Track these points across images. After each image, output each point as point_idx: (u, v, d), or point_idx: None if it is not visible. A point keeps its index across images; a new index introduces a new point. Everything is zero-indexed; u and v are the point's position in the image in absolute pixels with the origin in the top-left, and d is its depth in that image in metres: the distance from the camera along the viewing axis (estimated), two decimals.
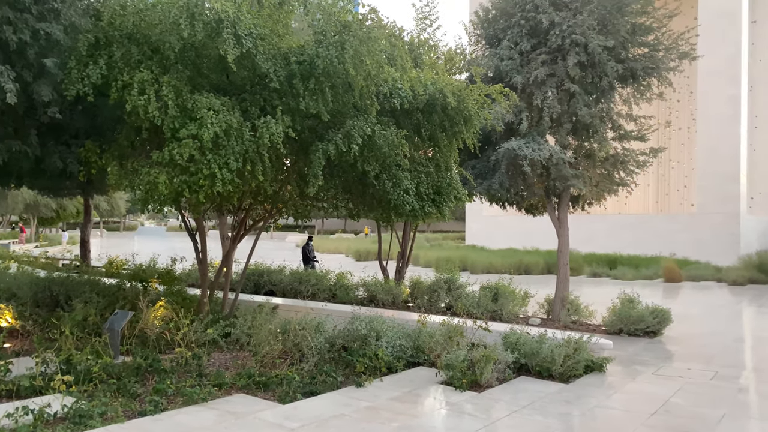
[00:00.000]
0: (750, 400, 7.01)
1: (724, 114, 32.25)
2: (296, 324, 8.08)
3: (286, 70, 7.33)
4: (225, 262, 10.81)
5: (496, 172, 11.43)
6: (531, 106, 11.26)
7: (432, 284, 12.86)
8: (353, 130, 7.53)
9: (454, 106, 8.53)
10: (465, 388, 6.94)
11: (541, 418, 6.06)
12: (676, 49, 11.02)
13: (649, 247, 30.97)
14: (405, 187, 8.66)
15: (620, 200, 40.68)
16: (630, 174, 12.07)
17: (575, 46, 10.56)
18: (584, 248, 29.90)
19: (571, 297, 11.87)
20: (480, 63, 11.42)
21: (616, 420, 6.11)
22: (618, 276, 23.34)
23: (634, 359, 8.96)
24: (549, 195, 12.17)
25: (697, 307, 15.79)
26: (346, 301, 12.59)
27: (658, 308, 11.01)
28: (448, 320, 8.52)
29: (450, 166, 9.82)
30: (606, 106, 11.43)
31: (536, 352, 7.71)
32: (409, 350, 8.14)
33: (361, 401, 6.44)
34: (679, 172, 41.63)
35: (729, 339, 11.02)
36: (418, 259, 28.31)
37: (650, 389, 7.29)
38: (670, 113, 39.38)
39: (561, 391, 7.09)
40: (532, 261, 25.72)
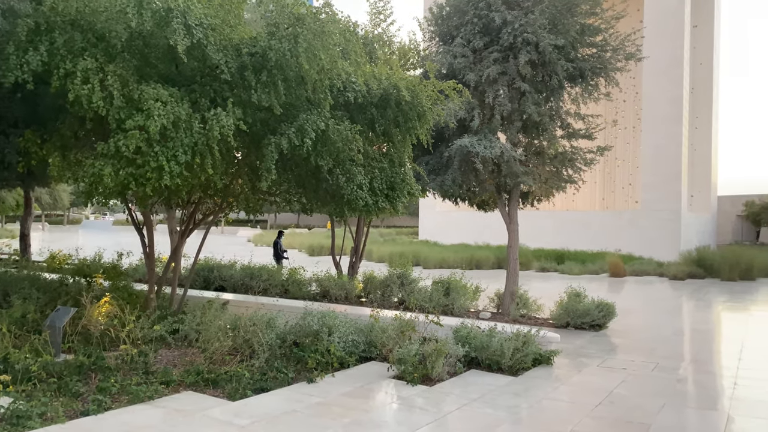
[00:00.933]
0: (688, 389, 7.30)
1: (667, 114, 33.44)
2: (247, 320, 7.97)
3: (238, 62, 7.19)
4: (173, 257, 10.57)
5: (448, 168, 11.53)
6: (483, 104, 11.41)
7: (385, 279, 12.88)
8: (306, 123, 7.45)
9: (408, 102, 8.55)
10: (416, 382, 6.99)
11: (490, 410, 6.17)
12: (623, 50, 11.33)
13: (596, 243, 31.90)
14: (359, 182, 8.64)
15: (568, 197, 41.76)
16: (578, 171, 12.37)
17: (526, 45, 10.74)
18: (533, 244, 30.57)
19: (520, 291, 12.11)
20: (434, 59, 11.48)
21: (562, 411, 6.26)
22: (565, 271, 23.93)
23: (580, 352, 9.21)
24: (500, 191, 12.37)
25: (639, 300, 16.35)
26: (299, 296, 12.49)
27: (604, 302, 11.35)
28: (401, 315, 8.56)
29: (404, 161, 9.84)
30: (555, 105, 11.67)
31: (486, 345, 7.84)
32: (361, 345, 8.15)
33: (313, 397, 6.41)
34: (624, 170, 42.99)
35: (669, 332, 11.46)
36: (371, 254, 28.36)
37: (595, 381, 7.51)
38: (617, 113, 40.61)
39: (510, 383, 7.23)
40: (483, 256, 26.11)
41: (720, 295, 17.29)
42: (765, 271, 22.26)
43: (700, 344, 10.56)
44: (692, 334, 11.57)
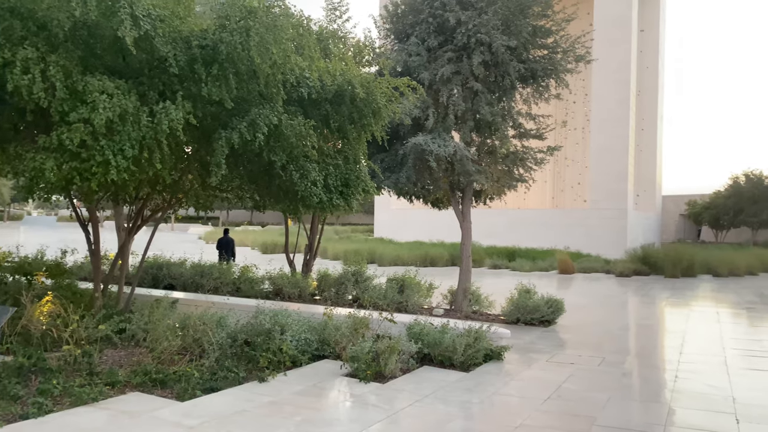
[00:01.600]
0: (632, 383, 7.53)
1: (614, 116, 34.45)
2: (197, 319, 7.81)
3: (188, 55, 7.01)
4: (120, 255, 10.26)
5: (403, 166, 11.57)
6: (437, 103, 11.49)
7: (339, 277, 12.84)
8: (259, 118, 7.34)
9: (362, 98, 8.53)
10: (369, 380, 6.99)
11: (442, 406, 6.21)
12: (573, 52, 11.61)
13: (546, 241, 32.64)
14: (313, 179, 8.57)
15: (520, 196, 42.53)
16: (528, 170, 12.62)
17: (480, 45, 10.87)
18: (486, 241, 31.05)
19: (473, 288, 12.27)
20: (389, 57, 11.50)
21: (512, 406, 6.36)
22: (516, 268, 24.40)
23: (530, 347, 9.39)
24: (453, 189, 12.49)
25: (587, 297, 16.80)
26: (251, 294, 12.32)
27: (553, 298, 11.60)
28: (355, 313, 8.54)
29: (359, 158, 9.83)
30: (507, 105, 11.86)
31: (439, 342, 7.90)
32: (314, 343, 8.09)
33: (264, 396, 6.32)
34: (573, 170, 44.08)
35: (615, 327, 11.81)
36: (326, 251, 28.24)
37: (544, 376, 7.66)
38: (567, 114, 41.59)
39: (462, 379, 7.31)
40: (437, 253, 26.35)
41: (663, 292, 17.93)
42: (705, 268, 23.20)
43: (645, 339, 10.91)
44: (637, 329, 11.94)
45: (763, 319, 12.73)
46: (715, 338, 10.45)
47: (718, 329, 11.39)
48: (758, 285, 20.09)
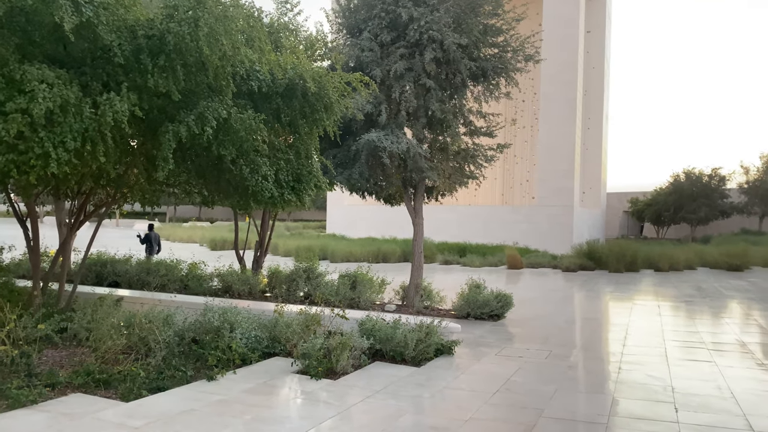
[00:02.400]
0: (578, 375, 7.74)
1: (562, 115, 35.27)
2: (143, 317, 7.59)
3: (133, 45, 6.78)
4: (62, 251, 9.88)
5: (356, 162, 11.54)
6: (390, 99, 11.50)
7: (291, 273, 12.72)
8: (207, 111, 7.17)
9: (314, 93, 8.44)
10: (321, 377, 6.95)
11: (393, 401, 6.24)
12: (523, 52, 11.80)
13: (495, 237, 33.20)
14: (264, 174, 8.44)
15: (470, 192, 43.14)
16: (479, 167, 12.79)
17: (432, 42, 10.93)
18: (438, 237, 31.34)
19: (424, 284, 12.36)
20: (341, 52, 11.44)
21: (462, 400, 6.44)
22: (467, 263, 24.72)
23: (479, 341, 9.53)
24: (406, 186, 12.54)
25: (535, 291, 17.17)
26: (199, 292, 12.08)
27: (502, 293, 11.81)
28: (306, 309, 8.48)
29: (310, 153, 9.73)
30: (459, 103, 11.98)
31: (391, 337, 7.93)
32: (264, 341, 7.99)
33: (213, 395, 6.20)
34: (522, 167, 44.95)
35: (562, 320, 12.11)
36: (277, 248, 27.94)
37: (494, 369, 7.79)
38: (516, 112, 42.37)
39: (413, 374, 7.35)
40: (389, 249, 26.44)
41: (607, 286, 18.50)
42: (647, 263, 24.05)
43: (590, 332, 11.23)
44: (583, 323, 12.28)
45: (700, 312, 13.30)
46: (656, 331, 10.85)
47: (659, 322, 11.83)
48: (696, 279, 20.98)
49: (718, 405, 6.35)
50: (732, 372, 7.85)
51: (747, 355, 8.92)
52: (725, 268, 24.63)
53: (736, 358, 8.75)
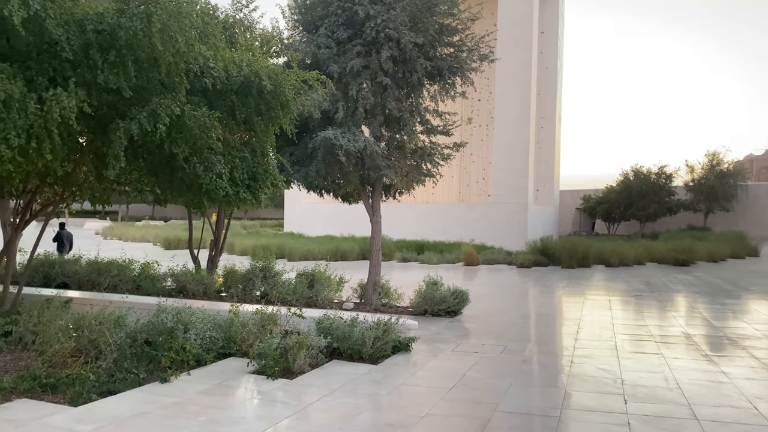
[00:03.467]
0: (532, 369, 7.90)
1: (516, 114, 35.87)
2: (92, 318, 7.39)
3: (82, 39, 6.58)
4: (6, 252, 9.50)
5: (313, 159, 11.49)
6: (347, 96, 11.48)
7: (247, 272, 12.58)
8: (160, 108, 7.02)
9: (270, 90, 8.36)
10: (277, 376, 6.90)
11: (351, 399, 6.24)
12: (478, 51, 11.95)
13: (452, 234, 33.56)
14: (218, 172, 8.32)
15: (428, 190, 43.41)
16: (436, 166, 12.90)
17: (388, 41, 10.96)
18: (396, 235, 31.49)
19: (382, 281, 12.40)
20: (297, 49, 11.35)
21: (419, 396, 6.50)
22: (425, 260, 24.91)
23: (436, 338, 9.63)
24: (363, 184, 12.55)
25: (491, 287, 17.44)
26: (153, 292, 11.82)
27: (459, 290, 11.95)
28: (262, 309, 8.40)
29: (266, 151, 9.63)
30: (415, 101, 12.05)
31: (348, 335, 7.93)
32: (220, 341, 7.88)
33: (166, 397, 6.08)
34: (478, 166, 45.54)
35: (517, 316, 12.34)
36: (233, 247, 27.58)
37: (450, 365, 7.89)
38: (472, 111, 42.88)
39: (370, 371, 7.38)
40: (348, 247, 26.42)
41: (561, 281, 18.93)
42: (598, 259, 24.71)
43: (544, 327, 11.48)
44: (537, 318, 12.54)
45: (649, 306, 13.75)
46: (607, 324, 11.16)
47: (609, 316, 12.17)
48: (645, 274, 21.67)
49: (664, 395, 6.58)
50: (678, 363, 8.15)
51: (692, 347, 9.27)
52: (672, 263, 25.51)
53: (681, 350, 9.09)
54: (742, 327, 11.12)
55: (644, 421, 5.69)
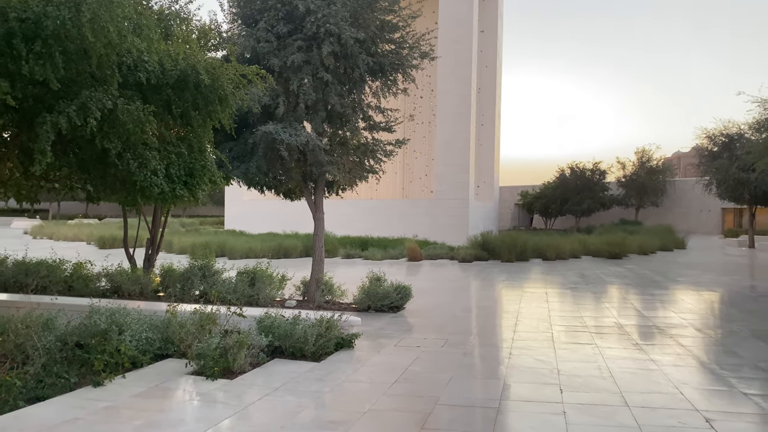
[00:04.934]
0: (473, 362, 8.04)
1: (457, 112, 36.39)
2: (19, 322, 7.03)
3: (4, 28, 6.23)
4: None
5: (253, 155, 11.30)
6: (288, 91, 11.36)
7: (185, 271, 12.27)
8: (90, 102, 6.74)
9: (207, 84, 8.14)
10: (217, 377, 6.77)
11: (293, 397, 6.19)
12: (419, 49, 12.04)
13: (396, 230, 33.78)
14: (153, 168, 8.05)
15: (371, 186, 43.46)
16: (378, 162, 12.93)
17: (329, 36, 10.89)
18: (340, 231, 31.43)
19: (325, 278, 12.35)
20: (236, 42, 11.13)
21: (362, 392, 6.51)
22: (369, 256, 24.95)
23: (379, 333, 9.67)
24: (306, 180, 12.45)
25: (433, 282, 17.65)
26: (85, 293, 11.37)
27: (401, 285, 12.04)
28: (201, 308, 8.21)
29: (204, 147, 9.40)
30: (358, 97, 12.04)
31: (290, 333, 7.85)
32: (157, 342, 7.66)
33: (99, 402, 5.86)
34: (421, 162, 45.93)
35: (458, 309, 12.54)
36: (171, 245, 26.85)
37: (393, 360, 7.93)
38: (414, 108, 43.18)
39: (313, 369, 7.34)
40: (291, 244, 26.15)
41: (500, 275, 19.36)
42: (536, 253, 25.39)
43: (484, 319, 11.71)
44: (477, 311, 12.78)
45: (584, 298, 14.24)
46: (544, 316, 11.49)
47: (546, 308, 12.54)
48: (580, 267, 22.43)
49: (598, 384, 6.84)
50: (611, 353, 8.47)
51: (624, 337, 9.66)
52: (606, 256, 26.52)
53: (614, 339, 9.45)
54: (670, 316, 11.68)
55: (579, 410, 5.89)
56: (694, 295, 14.94)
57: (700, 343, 9.27)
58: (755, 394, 6.48)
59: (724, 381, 7.05)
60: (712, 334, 10.02)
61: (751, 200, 35.05)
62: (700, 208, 56.32)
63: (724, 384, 6.92)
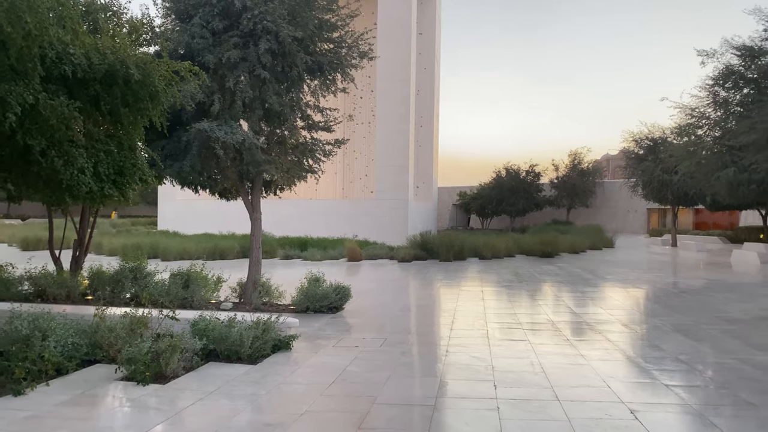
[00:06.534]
0: (410, 361, 8.11)
1: (397, 112, 36.64)
2: None
3: None
4: None
5: (187, 153, 10.99)
6: (224, 89, 11.11)
7: (116, 274, 11.83)
8: (10, 96, 6.39)
9: (138, 80, 7.86)
10: (148, 382, 6.55)
11: (227, 401, 6.07)
12: (357, 48, 12.03)
13: (336, 230, 33.67)
14: (80, 166, 7.72)
15: (311, 187, 43.15)
16: (317, 162, 12.84)
17: (267, 33, 10.74)
18: (279, 232, 31.05)
19: (263, 279, 12.17)
20: (169, 37, 10.80)
21: (299, 393, 6.45)
22: (308, 257, 24.76)
23: (318, 334, 9.61)
24: (242, 179, 12.22)
25: (373, 282, 17.70)
26: (6, 297, 10.77)
27: (341, 285, 12.01)
28: (132, 311, 7.94)
29: (135, 145, 9.08)
30: (296, 96, 11.92)
31: (225, 336, 7.70)
32: (84, 348, 7.34)
33: (20, 411, 5.57)
34: (361, 162, 46.00)
35: (397, 309, 12.62)
36: (101, 247, 25.81)
37: (331, 361, 7.90)
38: (354, 108, 43.20)
39: (249, 372, 7.22)
40: (227, 245, 25.64)
41: (438, 274, 19.63)
42: (473, 252, 25.89)
43: (422, 318, 11.84)
44: (416, 310, 12.91)
45: (518, 295, 14.62)
46: (479, 314, 11.73)
47: (482, 306, 12.80)
48: (515, 265, 23.02)
49: (530, 379, 7.03)
50: (543, 349, 8.73)
51: (555, 333, 9.98)
52: (539, 255, 27.33)
53: (546, 336, 9.75)
54: (599, 312, 12.15)
55: (512, 405, 6.04)
56: (622, 292, 15.61)
57: (626, 337, 9.69)
58: (676, 386, 6.83)
59: (647, 374, 7.40)
60: (638, 329, 10.48)
61: (673, 201, 36.92)
62: (627, 209, 58.88)
63: (648, 376, 7.26)
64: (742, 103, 22.63)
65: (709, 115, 24.12)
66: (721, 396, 6.46)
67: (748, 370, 7.59)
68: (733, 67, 22.72)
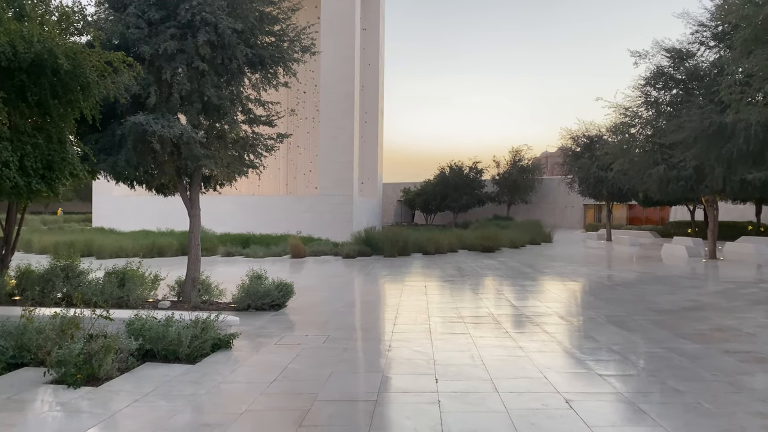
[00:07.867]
0: (353, 356, 8.10)
1: (341, 108, 36.49)
2: None
3: None
4: None
5: (122, 148, 10.61)
6: (160, 81, 10.79)
7: (46, 272, 11.30)
8: None
9: (67, 70, 7.55)
10: (80, 384, 6.30)
11: (165, 402, 5.91)
12: (299, 42, 11.90)
13: (280, 226, 33.31)
14: (4, 160, 7.35)
15: (254, 182, 42.53)
16: (259, 157, 12.64)
17: (205, 25, 10.48)
18: (220, 228, 30.47)
19: (202, 277, 11.90)
20: (102, 27, 10.39)
21: (239, 393, 6.35)
22: (251, 254, 24.41)
23: (259, 332, 9.48)
24: (180, 174, 11.91)
25: (316, 278, 17.60)
26: None
27: (283, 282, 11.88)
28: (63, 312, 7.61)
29: (65, 138, 8.71)
30: (236, 89, 11.69)
31: (162, 336, 7.49)
32: (10, 350, 6.99)
33: None
34: (305, 158, 45.64)
35: (340, 305, 12.59)
36: (31, 245, 24.71)
37: (272, 359, 7.81)
38: (298, 103, 42.81)
39: (187, 372, 7.05)
40: (166, 242, 24.96)
41: (383, 270, 19.71)
42: (417, 248, 26.16)
43: (366, 314, 11.85)
44: (360, 306, 12.91)
45: (460, 290, 14.85)
46: (422, 309, 11.84)
47: (425, 300, 12.93)
48: (457, 260, 23.37)
49: (471, 372, 7.15)
50: (483, 342, 8.90)
51: (496, 326, 10.19)
52: (480, 249, 27.87)
53: (487, 329, 9.94)
54: (537, 305, 12.48)
55: (452, 398, 6.13)
56: (559, 285, 16.09)
57: (563, 329, 9.99)
58: (610, 375, 7.09)
59: (583, 364, 7.65)
60: (574, 321, 10.83)
61: (608, 197, 38.34)
62: (564, 204, 60.76)
63: (583, 367, 7.51)
64: (672, 103, 23.72)
65: (642, 114, 25.15)
66: (650, 384, 6.75)
67: (675, 358, 7.96)
68: (663, 68, 23.78)
